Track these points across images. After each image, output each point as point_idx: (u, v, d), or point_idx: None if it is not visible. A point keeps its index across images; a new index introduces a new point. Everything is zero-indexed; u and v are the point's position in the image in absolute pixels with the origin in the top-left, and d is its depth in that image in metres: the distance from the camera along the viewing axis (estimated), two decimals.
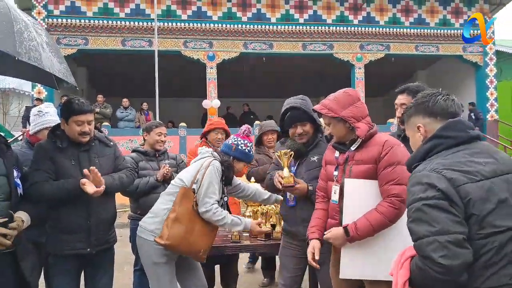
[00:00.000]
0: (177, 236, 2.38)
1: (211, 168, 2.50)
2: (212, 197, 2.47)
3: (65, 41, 10.86)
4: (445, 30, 12.26)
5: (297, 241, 2.54)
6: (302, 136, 2.53)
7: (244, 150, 2.65)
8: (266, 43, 11.63)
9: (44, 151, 2.43)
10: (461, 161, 1.36)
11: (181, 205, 2.44)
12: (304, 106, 2.53)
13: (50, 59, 2.03)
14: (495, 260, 1.27)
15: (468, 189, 1.30)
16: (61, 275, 2.48)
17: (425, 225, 1.29)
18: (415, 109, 1.55)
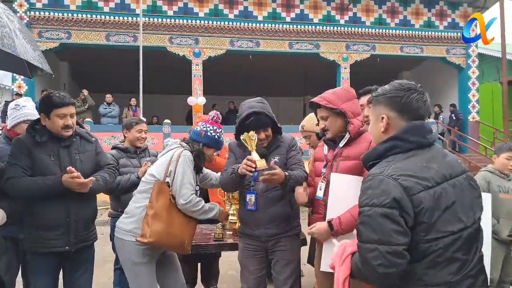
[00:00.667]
0: (159, 232, 2.33)
1: (182, 159, 2.44)
2: (189, 187, 2.42)
3: (47, 35, 10.62)
4: (430, 32, 12.44)
5: (256, 241, 2.52)
6: (263, 141, 2.49)
7: (214, 136, 2.59)
8: (253, 41, 11.60)
9: (22, 145, 2.36)
10: (418, 166, 1.38)
11: (158, 200, 2.38)
12: (266, 110, 2.49)
13: (24, 46, 1.96)
14: (438, 260, 1.34)
15: (421, 198, 1.33)
16: (39, 273, 2.42)
17: (371, 231, 1.34)
18: (386, 99, 1.51)
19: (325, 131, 2.29)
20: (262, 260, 2.56)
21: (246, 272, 2.59)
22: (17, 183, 2.28)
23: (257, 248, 2.53)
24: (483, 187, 3.10)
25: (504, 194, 3.14)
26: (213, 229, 3.22)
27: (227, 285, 4.27)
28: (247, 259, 2.56)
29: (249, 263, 2.55)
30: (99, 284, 4.05)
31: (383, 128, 1.50)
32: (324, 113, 2.27)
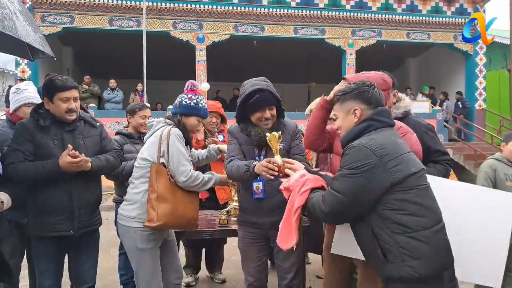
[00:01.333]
0: (166, 213, 2.32)
1: (173, 137, 2.40)
2: (186, 164, 2.40)
3: (50, 19, 10.53)
4: (437, 17, 12.22)
5: (258, 229, 2.48)
6: (268, 121, 2.37)
7: (189, 103, 2.49)
8: (257, 26, 11.46)
9: (24, 130, 2.33)
10: (390, 138, 1.72)
11: (158, 182, 2.35)
12: (270, 88, 2.39)
13: (25, 28, 1.92)
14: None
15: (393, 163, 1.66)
16: (44, 258, 2.43)
17: (341, 185, 1.64)
18: (354, 95, 1.83)
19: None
20: (263, 247, 2.53)
21: (247, 260, 2.57)
22: (17, 168, 2.27)
23: (258, 236, 2.50)
24: (489, 175, 3.08)
25: (511, 182, 3.11)
26: (218, 215, 3.21)
27: (231, 270, 4.29)
28: (248, 247, 2.54)
29: (250, 251, 2.53)
30: (104, 268, 4.09)
31: (356, 118, 1.81)
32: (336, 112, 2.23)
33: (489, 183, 3.07)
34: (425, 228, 1.59)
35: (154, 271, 2.46)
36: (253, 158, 2.44)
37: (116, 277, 3.68)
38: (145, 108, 3.50)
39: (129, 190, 2.53)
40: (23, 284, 3.04)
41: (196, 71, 11.28)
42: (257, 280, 2.54)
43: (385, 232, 1.61)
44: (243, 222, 2.56)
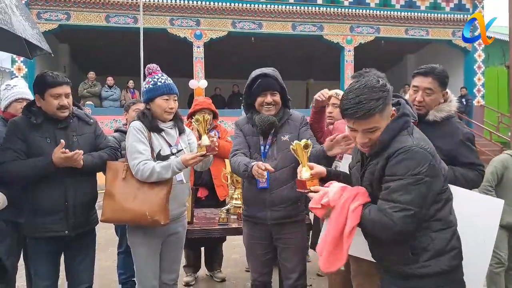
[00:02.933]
0: (109, 209, 2.31)
1: (128, 131, 2.40)
2: (136, 157, 2.31)
3: (46, 16, 10.43)
4: (436, 14, 12.19)
5: (262, 226, 2.45)
6: (270, 106, 2.36)
7: (147, 87, 2.41)
8: (255, 22, 11.40)
9: (16, 128, 2.29)
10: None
11: (107, 179, 2.37)
12: (276, 75, 2.40)
13: (22, 23, 1.86)
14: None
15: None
16: (40, 258, 2.38)
17: (409, 197, 1.47)
18: (388, 99, 1.58)
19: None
20: (268, 245, 2.51)
21: (252, 256, 2.56)
22: (9, 167, 2.23)
23: (262, 234, 2.47)
24: (498, 170, 2.95)
25: None
26: (218, 213, 3.18)
27: (231, 269, 4.26)
28: (253, 244, 2.52)
29: (255, 247, 2.52)
30: (103, 268, 4.04)
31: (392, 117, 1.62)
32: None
33: (494, 179, 2.94)
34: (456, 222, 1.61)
35: (145, 267, 2.42)
36: (258, 149, 2.41)
37: (115, 276, 3.63)
38: (138, 102, 3.48)
39: None
40: (20, 284, 3.00)
41: (194, 68, 11.22)
42: (262, 275, 2.54)
43: (422, 231, 1.53)
44: (247, 217, 2.54)
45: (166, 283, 2.55)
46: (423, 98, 2.20)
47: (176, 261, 2.62)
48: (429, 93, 2.20)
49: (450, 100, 2.28)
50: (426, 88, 2.21)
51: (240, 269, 4.28)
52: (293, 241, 2.44)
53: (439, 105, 2.24)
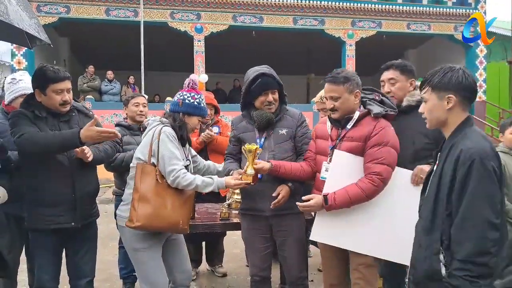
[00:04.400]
0: (146, 214, 2.23)
1: (163, 136, 2.32)
2: (176, 163, 2.30)
3: (45, 9, 10.37)
4: (438, 8, 12.10)
5: (261, 220, 2.47)
6: (271, 105, 2.45)
7: (193, 103, 2.44)
8: (256, 16, 11.32)
9: (24, 116, 2.26)
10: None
11: (142, 182, 2.27)
12: (273, 73, 2.48)
13: (19, 13, 1.82)
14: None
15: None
16: (42, 251, 2.38)
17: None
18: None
19: (334, 110, 2.23)
20: (267, 239, 2.52)
21: (251, 250, 2.58)
22: (35, 136, 2.18)
23: (262, 227, 2.49)
24: None
25: None
26: (219, 208, 3.17)
27: (232, 264, 4.26)
28: (252, 238, 2.54)
29: (254, 241, 2.53)
30: (104, 262, 4.05)
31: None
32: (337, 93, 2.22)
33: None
34: None
35: (155, 271, 2.38)
36: (254, 142, 2.48)
37: (116, 271, 3.64)
38: (137, 96, 3.47)
39: (125, 190, 2.50)
40: (22, 278, 3.00)
41: (195, 62, 11.16)
42: (261, 270, 2.55)
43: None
44: (245, 211, 2.56)
45: (184, 285, 2.54)
46: (389, 89, 2.41)
47: (186, 261, 2.61)
48: (393, 82, 2.42)
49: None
50: (389, 79, 2.43)
51: (241, 264, 4.29)
52: (292, 233, 2.45)
53: (409, 92, 2.42)
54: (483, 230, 1.37)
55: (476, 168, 1.41)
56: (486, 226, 1.37)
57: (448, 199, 1.48)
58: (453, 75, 1.57)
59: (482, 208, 1.38)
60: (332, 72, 2.26)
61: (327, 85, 2.23)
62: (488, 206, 1.38)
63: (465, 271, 1.38)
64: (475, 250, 1.37)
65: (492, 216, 1.38)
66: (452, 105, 1.57)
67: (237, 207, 3.15)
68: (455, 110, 1.57)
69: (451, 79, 1.57)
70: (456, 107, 1.57)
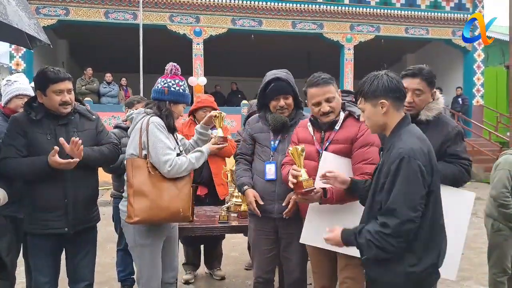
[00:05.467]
0: (144, 208, 2.20)
1: (151, 126, 2.27)
2: (169, 153, 2.26)
3: (44, 11, 10.38)
4: (436, 13, 12.17)
5: (268, 222, 2.49)
6: (283, 109, 2.48)
7: (178, 90, 2.39)
8: (255, 20, 11.36)
9: (17, 125, 2.27)
10: None
11: (134, 176, 2.24)
12: (288, 79, 2.49)
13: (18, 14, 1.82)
14: None
15: None
16: (39, 255, 2.36)
17: None
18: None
19: (330, 113, 2.22)
20: (273, 241, 2.54)
21: (257, 252, 2.58)
22: (9, 163, 2.22)
23: (269, 229, 2.51)
24: (506, 172, 2.81)
25: None
26: (218, 211, 3.17)
27: (230, 267, 4.25)
28: (259, 239, 2.55)
29: (261, 243, 2.54)
30: (102, 264, 4.03)
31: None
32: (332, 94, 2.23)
33: (510, 183, 2.80)
34: None
35: (154, 267, 2.39)
36: (268, 143, 2.53)
37: (114, 273, 3.62)
38: (143, 101, 3.42)
39: (125, 186, 2.46)
40: (19, 280, 2.98)
41: (193, 65, 11.17)
42: (266, 272, 2.56)
43: None
44: (253, 212, 2.55)
45: (168, 282, 2.53)
46: (413, 99, 2.24)
47: (176, 258, 2.62)
48: (418, 93, 2.24)
49: (438, 98, 2.33)
50: (415, 89, 2.24)
51: (240, 267, 4.28)
52: (298, 236, 2.43)
53: (428, 104, 2.29)
54: (401, 218, 1.56)
55: (403, 166, 1.57)
56: (403, 216, 1.56)
57: (379, 195, 1.66)
58: (379, 81, 1.69)
59: (402, 204, 1.56)
60: (313, 77, 2.23)
61: (320, 88, 2.20)
62: (407, 203, 1.56)
63: (374, 236, 1.60)
64: (391, 232, 1.57)
65: (410, 212, 1.56)
66: (386, 109, 1.69)
67: (236, 210, 3.15)
68: (390, 112, 1.70)
69: (378, 86, 1.69)
70: (390, 110, 1.70)
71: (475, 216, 6.45)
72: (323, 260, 2.32)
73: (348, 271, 2.19)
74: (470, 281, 3.92)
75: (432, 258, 1.66)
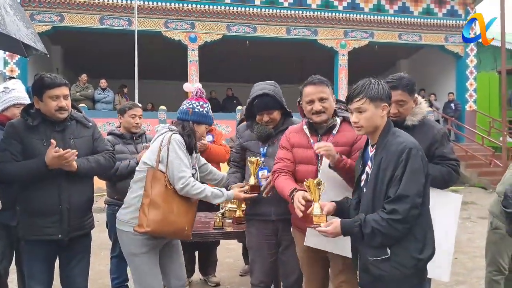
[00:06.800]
0: (156, 220, 2.25)
1: (173, 143, 2.35)
2: (185, 170, 2.33)
3: (39, 17, 10.37)
4: (428, 19, 12.31)
5: (267, 224, 2.52)
6: (268, 123, 2.56)
7: (202, 111, 2.49)
8: (250, 26, 11.41)
9: (13, 131, 2.28)
10: None
11: (153, 188, 2.29)
12: (274, 93, 2.53)
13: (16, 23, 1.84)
14: None
15: None
16: (33, 261, 2.35)
17: None
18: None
19: (321, 112, 2.25)
20: (274, 245, 2.56)
21: (260, 257, 2.57)
22: (4, 168, 2.22)
23: (269, 232, 2.53)
24: None
25: None
26: (213, 217, 3.16)
27: (225, 273, 4.24)
28: (261, 244, 2.55)
29: (263, 247, 2.55)
30: (96, 272, 4.00)
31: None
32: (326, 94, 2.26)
33: None
34: None
35: (151, 276, 2.37)
36: (258, 150, 2.61)
37: (108, 280, 3.60)
38: (135, 107, 3.43)
39: (128, 193, 2.48)
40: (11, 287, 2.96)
41: (188, 71, 11.19)
42: (266, 276, 2.58)
43: None
44: (252, 216, 2.60)
45: None
46: (397, 109, 2.28)
47: (183, 266, 2.63)
48: (402, 104, 2.28)
49: (420, 103, 2.39)
50: (398, 101, 2.26)
51: (234, 273, 4.27)
52: (291, 240, 2.46)
53: (412, 110, 2.35)
54: (412, 203, 1.69)
55: (411, 157, 1.72)
56: (413, 202, 1.69)
57: (388, 187, 1.75)
58: (383, 87, 1.84)
59: (413, 191, 1.70)
60: (310, 77, 2.30)
61: (315, 87, 2.25)
62: (416, 189, 1.70)
63: (381, 224, 1.70)
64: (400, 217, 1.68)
65: (417, 198, 1.70)
66: (385, 113, 1.84)
67: (231, 216, 3.16)
68: (385, 116, 1.85)
69: (384, 90, 1.84)
70: (386, 114, 1.85)
71: (469, 221, 6.49)
72: (315, 266, 2.34)
73: (343, 275, 2.21)
74: (463, 285, 3.94)
75: (432, 246, 1.78)
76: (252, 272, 2.63)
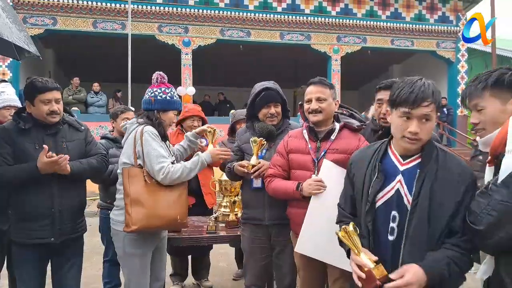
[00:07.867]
0: (140, 217, 2.23)
1: (145, 135, 2.32)
2: (162, 160, 2.30)
3: (31, 21, 10.31)
4: (420, 25, 12.45)
5: (261, 228, 2.53)
6: (273, 117, 2.56)
7: (165, 98, 2.43)
8: (243, 30, 11.46)
9: (4, 134, 2.26)
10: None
11: (131, 186, 2.28)
12: (277, 88, 2.59)
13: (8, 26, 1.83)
14: None
15: None
16: (25, 266, 2.33)
17: None
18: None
19: (318, 112, 2.26)
20: (267, 249, 2.56)
21: (252, 260, 2.59)
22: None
23: (262, 236, 2.53)
24: None
25: None
26: (206, 221, 3.16)
27: (218, 277, 4.23)
28: (254, 248, 2.56)
29: (256, 251, 2.56)
30: (88, 276, 3.97)
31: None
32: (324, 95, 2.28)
33: None
34: None
35: (143, 276, 2.38)
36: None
37: (100, 285, 3.57)
38: (127, 111, 3.44)
39: (116, 195, 2.47)
40: None
41: (182, 75, 11.19)
42: (259, 280, 2.59)
43: None
44: (246, 220, 2.61)
45: None
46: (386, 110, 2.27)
47: (163, 268, 2.62)
48: None
49: None
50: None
51: (227, 277, 4.26)
52: (290, 244, 2.45)
53: None
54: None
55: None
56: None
57: (453, 217, 1.45)
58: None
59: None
60: (314, 78, 2.33)
61: (314, 87, 2.28)
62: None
63: (460, 262, 1.43)
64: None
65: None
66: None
67: (224, 220, 3.16)
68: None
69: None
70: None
71: None
72: (312, 272, 2.32)
73: (341, 283, 2.20)
74: None
75: None
76: (245, 275, 2.66)
